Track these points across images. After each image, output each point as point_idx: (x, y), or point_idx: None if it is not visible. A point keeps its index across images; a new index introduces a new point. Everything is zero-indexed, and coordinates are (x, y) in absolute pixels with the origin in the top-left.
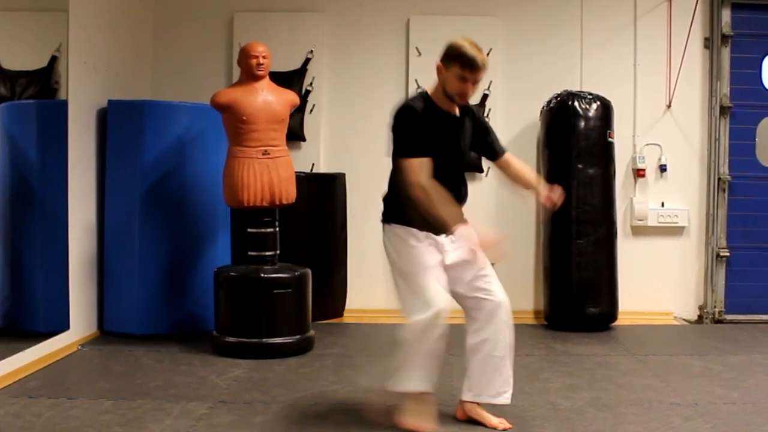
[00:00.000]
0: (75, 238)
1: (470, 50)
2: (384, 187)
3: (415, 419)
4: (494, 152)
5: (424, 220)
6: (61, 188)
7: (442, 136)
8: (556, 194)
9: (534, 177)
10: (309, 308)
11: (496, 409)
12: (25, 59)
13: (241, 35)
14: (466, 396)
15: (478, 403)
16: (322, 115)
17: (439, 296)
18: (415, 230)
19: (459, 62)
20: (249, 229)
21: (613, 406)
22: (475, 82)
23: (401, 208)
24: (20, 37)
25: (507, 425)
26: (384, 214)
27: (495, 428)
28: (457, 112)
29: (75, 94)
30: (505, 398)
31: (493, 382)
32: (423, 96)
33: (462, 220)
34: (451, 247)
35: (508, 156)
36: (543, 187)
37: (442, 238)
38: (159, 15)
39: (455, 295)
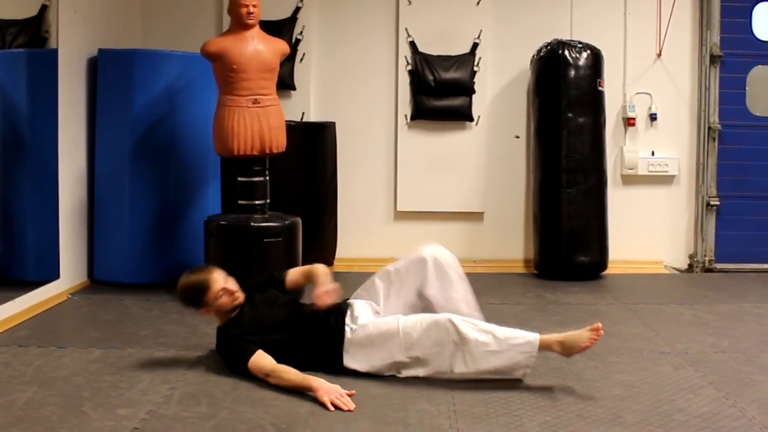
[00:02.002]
0: (65, 187)
1: (188, 293)
2: (374, 135)
3: None
4: (281, 284)
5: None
6: (51, 137)
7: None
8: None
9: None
10: (299, 257)
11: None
12: (15, 8)
13: None
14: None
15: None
16: (312, 64)
17: None
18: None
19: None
20: (239, 178)
21: (603, 355)
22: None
23: None
24: None
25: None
26: None
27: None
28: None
29: (65, 43)
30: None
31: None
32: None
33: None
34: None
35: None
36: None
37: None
38: None
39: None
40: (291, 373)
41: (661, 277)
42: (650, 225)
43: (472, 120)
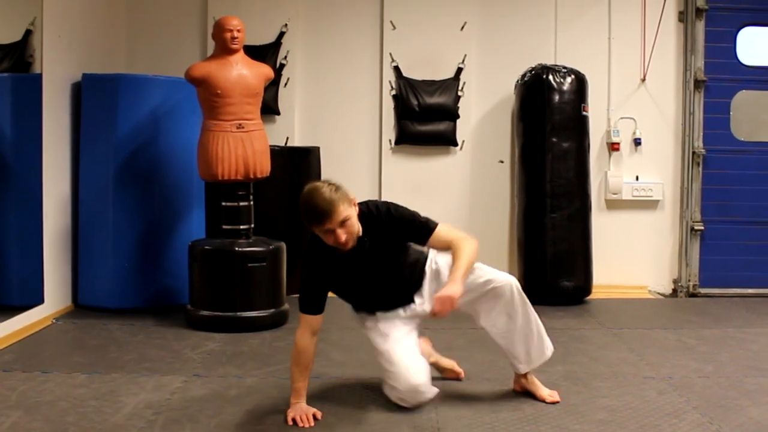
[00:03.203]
0: (49, 212)
1: (310, 204)
2: (359, 159)
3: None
4: (421, 242)
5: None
6: (35, 162)
7: (344, 276)
8: (445, 306)
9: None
10: (283, 282)
11: (549, 383)
12: (0, 33)
13: (216, 9)
14: (517, 369)
15: (526, 376)
16: (297, 89)
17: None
18: (364, 314)
19: (307, 222)
20: (223, 203)
21: (588, 380)
22: (341, 225)
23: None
24: None
25: (556, 398)
26: None
27: (544, 400)
28: (355, 243)
29: (49, 68)
30: (547, 355)
31: (533, 352)
32: (319, 240)
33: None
34: (422, 299)
35: (450, 239)
36: (447, 287)
37: (408, 307)
38: None
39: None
40: (295, 366)
41: (645, 301)
42: (634, 250)
43: (456, 145)
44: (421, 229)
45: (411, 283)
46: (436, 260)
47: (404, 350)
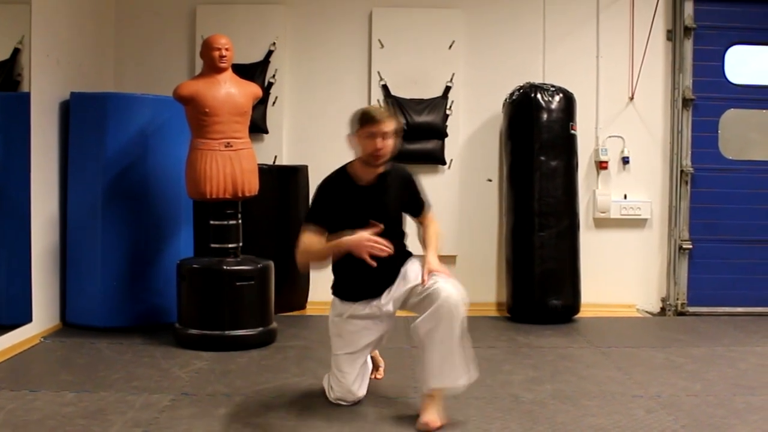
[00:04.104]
0: (38, 230)
1: (369, 108)
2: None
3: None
4: (414, 212)
5: (346, 288)
6: (23, 180)
7: (351, 206)
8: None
9: (429, 250)
10: (272, 300)
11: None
12: None
13: (204, 27)
14: (425, 382)
15: (432, 395)
16: (285, 108)
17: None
18: (337, 301)
19: (360, 123)
20: (212, 222)
21: (576, 399)
22: (384, 136)
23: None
24: None
25: (432, 428)
26: None
27: (420, 426)
28: (374, 179)
29: (38, 87)
30: (460, 383)
31: (446, 369)
32: (341, 169)
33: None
34: (388, 297)
35: (428, 219)
36: (428, 264)
37: (375, 301)
38: (121, 7)
39: (408, 308)
40: (308, 250)
41: (633, 320)
42: (623, 268)
43: (444, 163)
44: (424, 203)
45: (391, 267)
46: (409, 266)
47: (353, 363)
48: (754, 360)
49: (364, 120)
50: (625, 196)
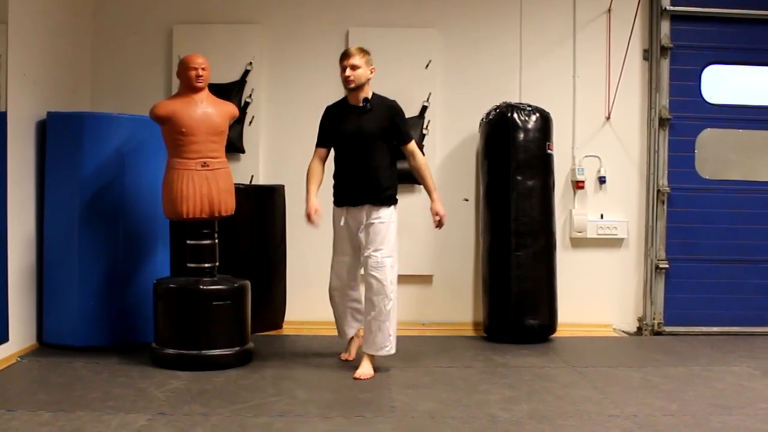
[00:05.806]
0: (14, 250)
1: (346, 48)
2: (324, 198)
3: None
4: (398, 140)
5: (335, 193)
6: (0, 199)
7: (340, 121)
8: (440, 213)
9: (429, 186)
10: (248, 320)
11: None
12: None
13: (181, 47)
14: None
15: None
16: (261, 127)
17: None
18: (334, 208)
19: (339, 60)
20: (188, 241)
21: (553, 418)
22: (352, 68)
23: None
24: None
25: (362, 377)
26: None
27: (354, 377)
28: (359, 102)
29: (14, 106)
30: (387, 351)
31: (376, 338)
32: (343, 97)
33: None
34: (355, 228)
35: (411, 147)
36: (432, 202)
37: (352, 212)
38: (98, 27)
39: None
40: (310, 178)
41: (610, 340)
42: (599, 288)
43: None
44: (407, 133)
45: (369, 185)
46: (377, 223)
47: (340, 261)
48: (731, 380)
49: (340, 57)
50: (602, 216)
